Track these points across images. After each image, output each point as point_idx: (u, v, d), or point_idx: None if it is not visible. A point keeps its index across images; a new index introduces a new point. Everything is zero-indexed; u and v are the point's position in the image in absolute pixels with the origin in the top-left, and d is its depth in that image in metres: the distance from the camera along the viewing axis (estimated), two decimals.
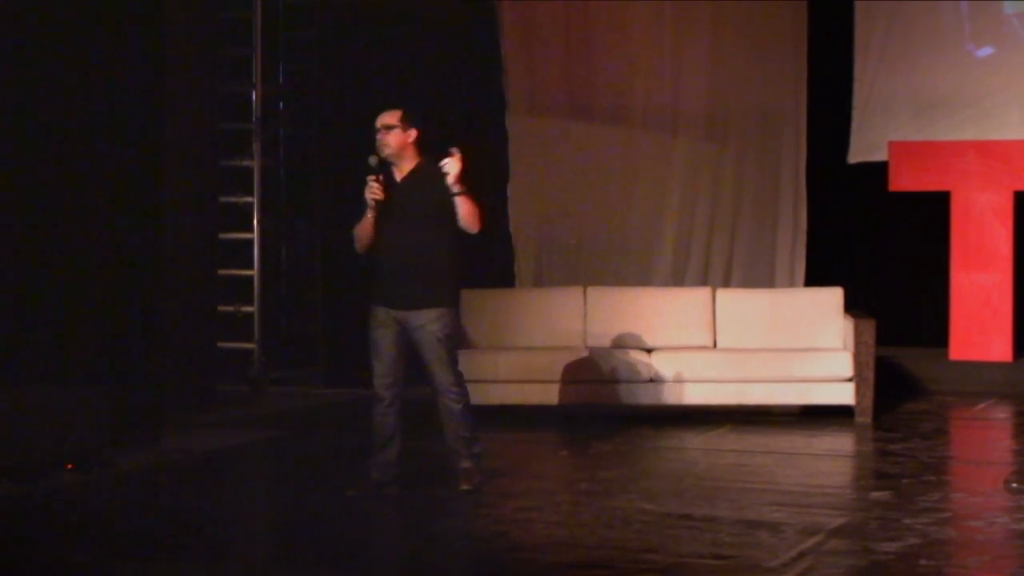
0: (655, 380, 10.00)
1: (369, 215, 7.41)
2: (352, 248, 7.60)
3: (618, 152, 12.51)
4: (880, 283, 12.09)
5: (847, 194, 12.27)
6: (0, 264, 8.82)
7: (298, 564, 6.37)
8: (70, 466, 8.06)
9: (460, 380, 7.58)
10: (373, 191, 7.36)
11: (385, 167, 7.48)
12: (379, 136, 7.46)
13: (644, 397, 10.00)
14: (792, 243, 12.29)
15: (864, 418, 9.86)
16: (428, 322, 7.40)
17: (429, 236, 7.42)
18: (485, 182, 12.46)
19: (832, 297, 10.44)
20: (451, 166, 7.34)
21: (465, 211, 7.39)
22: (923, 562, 6.18)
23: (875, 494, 7.67)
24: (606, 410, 10.05)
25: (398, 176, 7.50)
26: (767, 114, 12.35)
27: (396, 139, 7.44)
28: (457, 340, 7.72)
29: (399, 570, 6.50)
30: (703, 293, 10.65)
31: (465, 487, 7.51)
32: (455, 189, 7.36)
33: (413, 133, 7.49)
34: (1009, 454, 9.18)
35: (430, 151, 7.51)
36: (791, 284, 12.14)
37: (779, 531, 6.69)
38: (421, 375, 7.62)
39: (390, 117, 7.47)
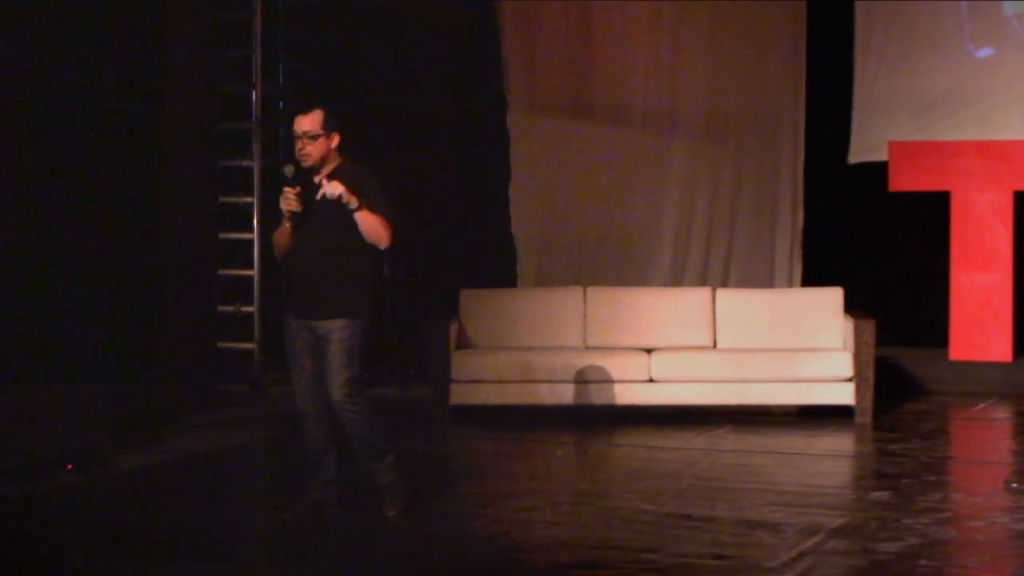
0: (655, 380, 10.00)
1: (286, 225, 6.94)
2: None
3: (618, 152, 12.50)
4: (880, 283, 12.07)
5: (847, 194, 12.26)
6: (2, 265, 8.84)
7: (297, 564, 6.37)
8: (70, 466, 8.07)
9: (355, 399, 6.91)
10: (289, 203, 6.86)
11: (303, 175, 6.94)
12: (299, 144, 6.89)
13: (644, 397, 9.99)
14: (790, 243, 12.29)
15: (864, 418, 9.85)
16: (331, 331, 6.90)
17: (343, 243, 6.89)
18: (486, 182, 12.56)
19: (832, 297, 10.44)
20: (331, 190, 6.79)
21: (365, 227, 6.86)
22: (923, 562, 6.18)
23: (875, 494, 7.68)
24: (606, 410, 10.04)
25: (316, 178, 6.97)
26: (766, 114, 12.34)
27: (320, 148, 6.90)
28: (362, 354, 6.98)
29: (398, 571, 6.50)
30: (703, 293, 10.65)
31: (391, 512, 7.03)
32: (351, 206, 6.80)
33: (336, 137, 6.94)
34: (1009, 454, 9.18)
35: (351, 149, 7.08)
36: (789, 284, 12.14)
37: (779, 531, 6.70)
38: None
39: (310, 123, 6.88)
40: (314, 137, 6.89)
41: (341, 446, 7.11)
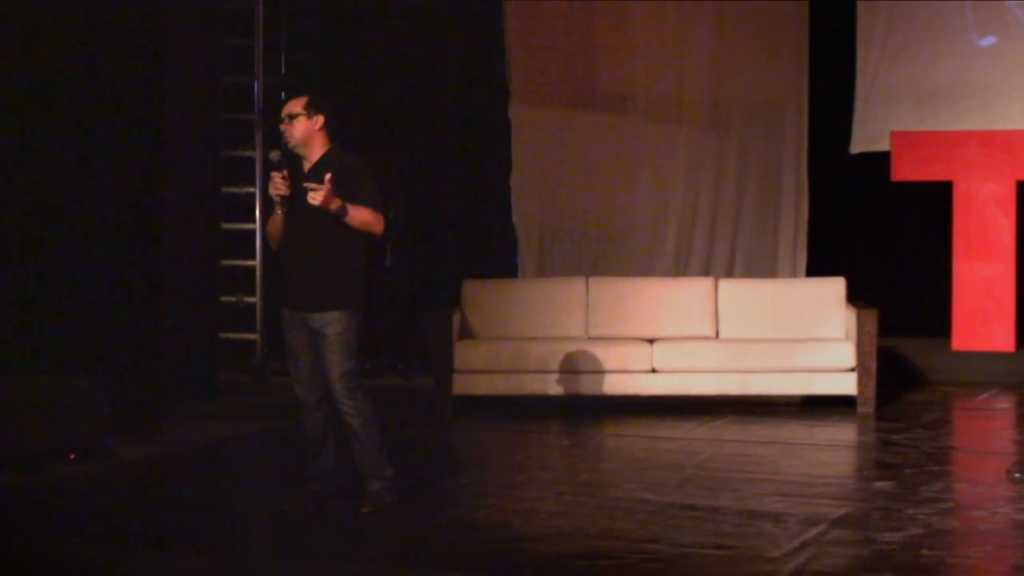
0: (657, 370, 10.00)
1: (278, 212, 6.91)
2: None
3: (621, 142, 12.51)
4: (882, 273, 12.08)
5: (850, 184, 12.27)
6: (3, 255, 8.83)
7: (300, 554, 6.37)
8: (72, 456, 8.07)
9: (355, 392, 6.89)
10: (276, 187, 6.86)
11: (292, 160, 6.97)
12: (283, 127, 6.96)
13: (646, 388, 9.99)
14: (794, 233, 12.29)
15: (866, 408, 9.85)
16: (325, 325, 6.85)
17: (333, 231, 6.83)
18: (488, 172, 12.56)
19: (835, 287, 10.43)
20: (316, 198, 6.70)
21: (355, 225, 6.84)
22: (925, 552, 6.18)
23: (877, 484, 7.67)
24: (608, 400, 10.04)
25: (306, 166, 6.97)
26: (770, 104, 12.34)
27: (301, 128, 6.91)
28: (356, 346, 6.91)
29: (401, 560, 6.50)
30: (705, 283, 10.64)
31: (365, 509, 6.92)
32: (338, 214, 6.76)
33: (320, 119, 6.94)
34: (1011, 444, 9.18)
35: (342, 137, 7.09)
36: (793, 274, 12.14)
37: (781, 521, 6.69)
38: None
39: (294, 105, 6.95)
40: (294, 116, 6.93)
41: (340, 437, 7.08)
